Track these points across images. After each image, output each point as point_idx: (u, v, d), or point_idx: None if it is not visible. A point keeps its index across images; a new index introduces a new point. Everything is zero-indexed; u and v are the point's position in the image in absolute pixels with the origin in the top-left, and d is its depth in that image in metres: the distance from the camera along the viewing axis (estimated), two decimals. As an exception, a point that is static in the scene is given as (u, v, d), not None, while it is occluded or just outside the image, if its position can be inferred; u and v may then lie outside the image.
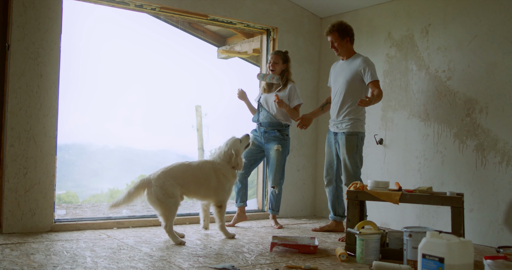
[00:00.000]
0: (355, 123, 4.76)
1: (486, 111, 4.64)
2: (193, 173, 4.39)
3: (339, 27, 4.77)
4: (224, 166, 4.52)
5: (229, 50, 7.71)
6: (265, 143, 5.24)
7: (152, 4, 5.18)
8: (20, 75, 4.44)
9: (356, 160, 4.76)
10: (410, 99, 5.30)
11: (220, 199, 4.49)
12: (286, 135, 5.27)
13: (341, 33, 4.77)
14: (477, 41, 4.75)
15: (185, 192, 4.35)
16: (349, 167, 4.75)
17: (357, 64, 4.72)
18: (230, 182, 4.55)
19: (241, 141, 4.66)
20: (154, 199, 4.17)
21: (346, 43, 4.80)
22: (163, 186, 4.18)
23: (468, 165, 4.75)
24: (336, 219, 5.06)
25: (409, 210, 5.20)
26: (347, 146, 4.74)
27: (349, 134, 4.75)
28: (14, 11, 4.42)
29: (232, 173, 4.54)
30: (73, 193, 10.11)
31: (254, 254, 3.79)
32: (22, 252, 3.61)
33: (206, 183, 4.42)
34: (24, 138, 4.45)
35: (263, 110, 5.26)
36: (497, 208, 4.49)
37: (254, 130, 5.37)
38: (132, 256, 3.58)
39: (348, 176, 4.77)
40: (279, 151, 5.17)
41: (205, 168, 4.45)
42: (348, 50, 4.84)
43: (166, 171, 4.30)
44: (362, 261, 3.66)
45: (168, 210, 4.17)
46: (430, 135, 5.08)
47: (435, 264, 2.83)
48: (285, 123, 5.24)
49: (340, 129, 4.82)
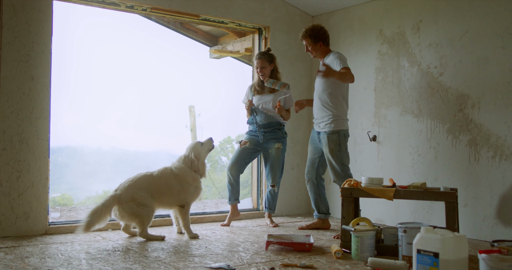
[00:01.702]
0: (335, 121, 4.75)
1: (478, 106, 4.65)
2: (155, 183, 4.41)
3: (311, 32, 4.82)
4: (182, 169, 4.51)
5: (221, 50, 7.70)
6: (265, 142, 5.24)
7: (143, 5, 5.17)
8: (11, 78, 4.42)
9: (341, 157, 4.74)
10: (403, 95, 5.31)
11: (183, 199, 4.47)
12: (285, 133, 5.30)
13: (314, 39, 4.83)
14: (468, 37, 4.76)
15: (155, 202, 4.37)
16: (335, 165, 4.75)
17: (329, 61, 4.77)
18: (192, 185, 4.52)
19: (202, 144, 4.64)
20: (128, 214, 4.21)
21: (319, 47, 4.86)
22: (134, 199, 4.23)
23: (461, 160, 4.77)
24: (321, 217, 5.08)
25: (404, 206, 5.21)
26: (330, 145, 4.75)
27: (331, 133, 4.75)
28: (4, 14, 4.40)
29: (192, 176, 4.51)
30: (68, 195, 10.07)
31: (250, 253, 3.79)
32: (16, 255, 3.59)
33: (169, 191, 4.43)
34: (17, 141, 4.43)
35: (259, 113, 5.25)
36: (491, 202, 4.51)
37: (250, 131, 5.36)
38: (127, 258, 3.57)
39: (335, 174, 4.77)
40: (279, 149, 5.18)
41: (165, 176, 4.46)
42: (322, 51, 4.89)
43: (132, 184, 4.33)
44: (358, 258, 3.67)
45: (146, 218, 4.26)
46: (423, 131, 5.10)
47: (430, 259, 2.83)
48: (282, 122, 5.26)
49: (321, 128, 4.83)
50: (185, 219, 4.48)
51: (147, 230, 4.29)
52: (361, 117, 5.75)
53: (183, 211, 4.47)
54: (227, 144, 11.89)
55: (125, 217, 4.24)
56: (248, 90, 5.43)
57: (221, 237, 4.53)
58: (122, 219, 4.30)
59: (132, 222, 4.32)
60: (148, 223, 4.29)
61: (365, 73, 5.70)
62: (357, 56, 5.81)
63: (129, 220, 4.28)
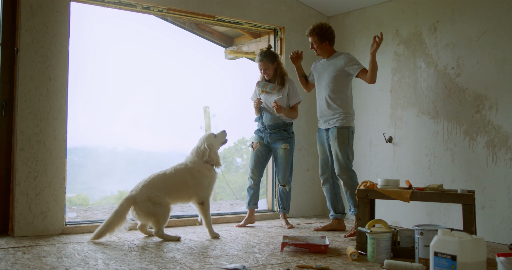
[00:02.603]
0: (346, 117, 4.84)
1: (496, 107, 4.60)
2: (170, 180, 4.46)
3: (319, 30, 4.88)
4: (196, 162, 4.55)
5: (237, 51, 7.70)
6: (272, 142, 5.24)
7: (159, 6, 5.19)
8: (29, 79, 4.47)
9: (348, 152, 4.83)
10: (419, 96, 5.27)
11: (201, 196, 4.51)
12: (292, 133, 5.29)
13: (321, 37, 4.89)
14: (486, 37, 4.71)
15: (170, 200, 4.42)
16: (341, 159, 4.81)
17: (340, 60, 4.85)
18: (207, 178, 4.56)
19: (216, 136, 4.67)
20: (144, 213, 4.27)
21: (325, 46, 4.92)
22: (150, 198, 4.28)
23: (478, 162, 4.72)
24: (337, 216, 5.07)
25: (420, 208, 5.17)
26: (339, 139, 4.80)
27: (341, 128, 4.82)
28: (22, 15, 4.44)
29: (207, 167, 4.55)
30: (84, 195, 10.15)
31: (265, 254, 3.79)
32: (34, 255, 3.63)
33: (185, 186, 4.47)
34: (34, 141, 4.47)
35: (265, 113, 5.25)
36: (509, 205, 4.46)
37: (258, 130, 5.37)
38: (143, 258, 3.58)
39: (340, 167, 4.83)
40: (287, 150, 5.18)
41: (179, 172, 4.50)
42: (328, 50, 4.96)
43: (146, 184, 4.38)
44: (374, 260, 3.65)
45: (162, 218, 4.30)
46: (440, 132, 5.06)
47: (447, 262, 2.81)
48: (289, 122, 5.25)
49: (331, 124, 4.89)
50: (207, 217, 4.51)
51: (163, 229, 4.32)
52: (377, 118, 5.72)
53: (203, 208, 4.51)
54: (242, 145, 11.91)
55: (141, 216, 4.30)
56: (256, 87, 5.43)
57: (236, 238, 4.53)
58: (138, 219, 4.37)
59: (148, 222, 4.37)
60: (164, 222, 4.33)
61: (381, 74, 5.66)
62: (373, 57, 5.77)
63: (145, 219, 4.33)
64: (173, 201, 4.47)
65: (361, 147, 5.88)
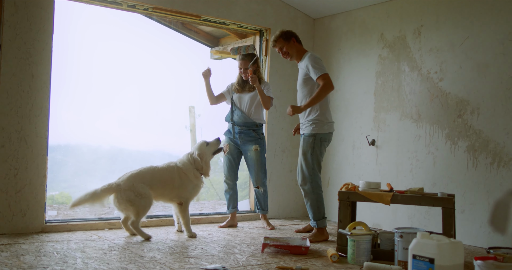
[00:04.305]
0: (314, 124, 4.64)
1: (477, 112, 4.65)
2: (159, 175, 4.51)
3: (280, 33, 4.77)
4: (186, 166, 4.59)
5: (222, 51, 7.69)
6: (241, 144, 5.24)
7: (144, 4, 5.17)
8: (11, 75, 4.42)
9: (311, 162, 4.62)
10: (403, 100, 5.31)
11: (183, 197, 4.56)
12: (262, 134, 5.29)
13: (285, 37, 4.77)
14: (469, 43, 4.76)
15: (153, 194, 4.43)
16: (304, 168, 4.65)
17: (303, 64, 4.71)
18: (192, 183, 4.60)
19: (208, 145, 4.71)
20: (124, 202, 4.27)
21: (293, 43, 4.77)
22: (133, 188, 4.30)
23: (459, 166, 4.76)
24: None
25: (401, 211, 5.21)
26: (303, 147, 4.69)
27: (307, 136, 4.69)
28: (5, 11, 4.40)
29: (194, 173, 4.59)
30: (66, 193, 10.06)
31: (246, 255, 3.79)
32: (12, 253, 3.59)
33: (170, 184, 4.51)
34: (15, 138, 4.43)
35: (236, 110, 5.25)
36: (488, 209, 4.50)
37: (227, 131, 5.35)
38: (123, 257, 3.56)
39: (302, 177, 4.68)
40: (258, 151, 5.18)
41: (169, 169, 4.57)
42: (298, 50, 4.79)
43: (134, 174, 4.41)
44: (354, 262, 3.67)
45: (142, 209, 4.31)
46: (422, 136, 5.09)
47: (425, 265, 2.83)
48: (259, 123, 5.25)
49: (302, 130, 4.80)
50: (185, 217, 4.55)
51: (139, 221, 4.33)
52: (360, 121, 5.75)
53: (181, 208, 4.56)
54: (226, 145, 11.87)
55: (122, 204, 4.29)
56: (228, 85, 5.44)
57: (217, 238, 4.52)
58: (119, 206, 4.34)
59: (127, 211, 4.36)
60: (144, 214, 4.34)
61: (365, 77, 5.70)
62: (358, 60, 5.81)
63: (125, 208, 4.32)
64: (156, 198, 4.49)
65: (344, 150, 5.91)
